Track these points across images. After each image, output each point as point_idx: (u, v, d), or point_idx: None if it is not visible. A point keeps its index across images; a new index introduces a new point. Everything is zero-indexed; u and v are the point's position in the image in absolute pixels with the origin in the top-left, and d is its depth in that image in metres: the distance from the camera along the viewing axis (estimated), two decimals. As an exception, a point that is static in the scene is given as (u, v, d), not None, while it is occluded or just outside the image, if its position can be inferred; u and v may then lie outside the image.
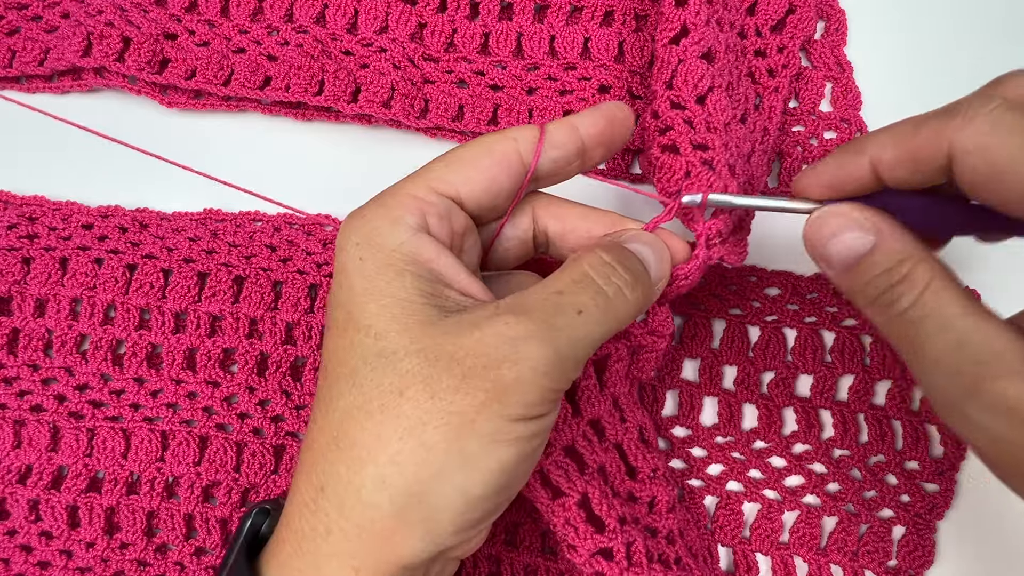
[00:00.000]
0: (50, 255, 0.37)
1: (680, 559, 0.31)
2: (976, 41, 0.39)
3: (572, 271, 0.25)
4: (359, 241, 0.25)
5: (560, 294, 0.24)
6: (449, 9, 0.40)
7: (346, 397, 0.24)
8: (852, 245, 0.25)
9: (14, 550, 0.36)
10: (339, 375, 0.24)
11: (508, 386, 0.23)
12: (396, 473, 0.22)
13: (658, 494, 0.31)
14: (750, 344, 0.36)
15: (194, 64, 0.39)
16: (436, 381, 0.23)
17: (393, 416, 0.23)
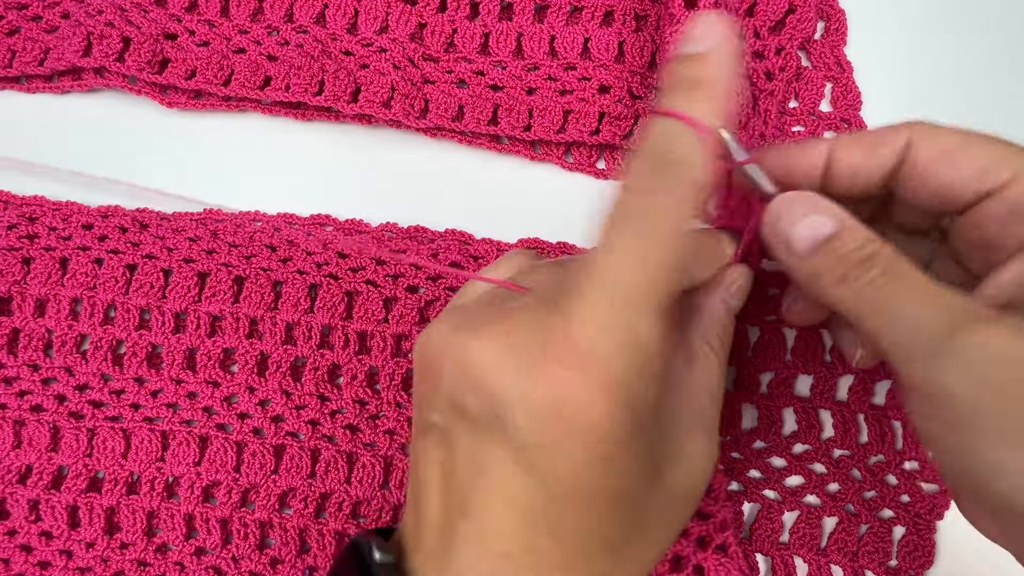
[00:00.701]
0: (50, 255, 0.37)
1: (728, 546, 0.31)
2: (976, 41, 0.39)
3: (711, 366, 0.27)
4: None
5: (714, 395, 0.27)
6: (449, 9, 0.40)
7: None
8: (819, 226, 0.25)
9: (14, 550, 0.36)
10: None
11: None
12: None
13: (715, 482, 0.31)
14: (749, 344, 0.36)
15: (194, 64, 0.39)
16: None
17: None
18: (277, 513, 0.35)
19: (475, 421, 0.23)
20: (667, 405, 0.24)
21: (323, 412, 0.36)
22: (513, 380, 0.22)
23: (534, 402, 0.22)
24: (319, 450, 0.36)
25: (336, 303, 0.36)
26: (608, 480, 0.22)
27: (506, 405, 0.22)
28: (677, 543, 0.30)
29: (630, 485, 0.23)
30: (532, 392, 0.22)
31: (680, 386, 0.25)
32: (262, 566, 0.35)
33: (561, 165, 0.39)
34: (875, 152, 0.26)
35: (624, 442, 0.22)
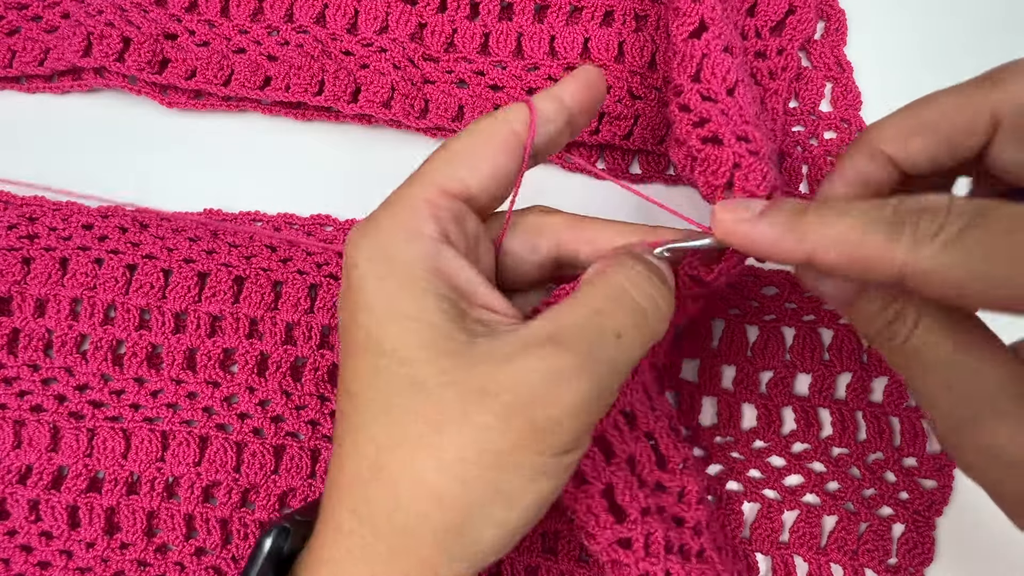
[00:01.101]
0: (50, 255, 0.37)
1: (703, 551, 0.30)
2: (976, 41, 0.39)
3: (606, 286, 0.24)
4: (372, 256, 0.24)
5: (599, 313, 0.23)
6: (449, 9, 0.40)
7: (381, 427, 0.23)
8: (840, 285, 0.24)
9: (14, 550, 0.35)
10: (369, 401, 0.23)
11: (547, 424, 0.22)
12: (437, 509, 0.22)
13: (688, 484, 0.30)
14: (749, 343, 0.36)
15: (194, 64, 0.39)
16: (473, 417, 0.22)
17: (432, 451, 0.22)
18: (277, 513, 0.35)
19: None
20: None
21: (323, 412, 0.36)
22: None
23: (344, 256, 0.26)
24: (319, 450, 0.36)
25: (336, 303, 0.36)
26: (362, 311, 0.24)
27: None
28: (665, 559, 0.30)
29: (381, 323, 0.24)
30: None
31: (555, 306, 0.25)
32: (262, 566, 0.35)
33: (561, 165, 0.39)
34: (951, 153, 0.23)
35: (368, 273, 0.24)
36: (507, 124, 0.27)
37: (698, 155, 0.28)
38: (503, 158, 0.26)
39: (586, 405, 0.22)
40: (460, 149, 0.26)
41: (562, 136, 0.28)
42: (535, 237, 0.28)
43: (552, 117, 0.27)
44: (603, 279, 0.24)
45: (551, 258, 0.28)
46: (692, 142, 0.28)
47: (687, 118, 0.29)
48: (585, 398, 0.22)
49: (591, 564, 0.34)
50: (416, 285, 0.23)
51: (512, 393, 0.22)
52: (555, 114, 0.27)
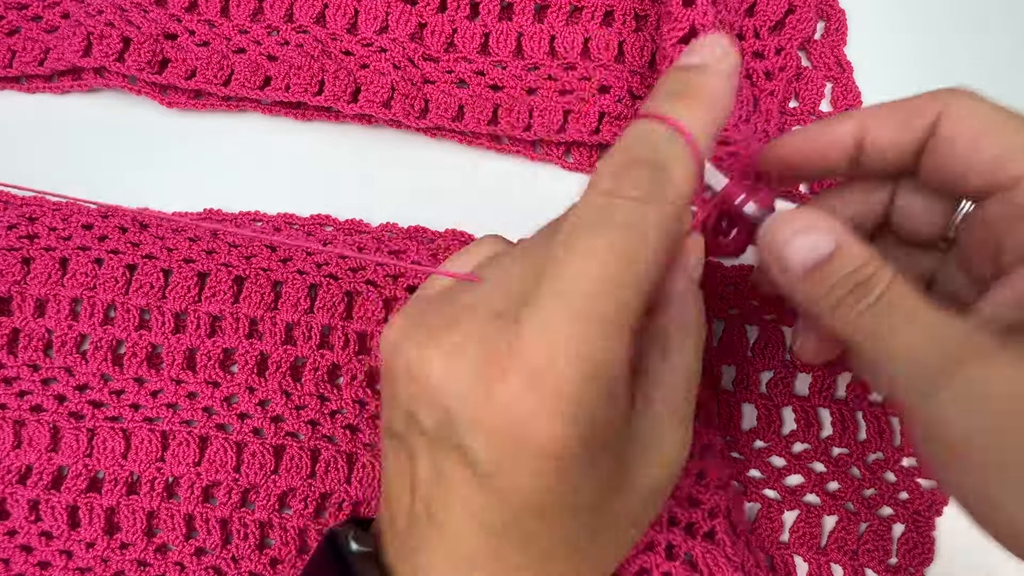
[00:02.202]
0: (50, 255, 0.37)
1: (715, 533, 0.30)
2: (977, 41, 0.39)
3: (686, 353, 0.25)
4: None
5: (689, 381, 0.25)
6: (449, 9, 0.40)
7: None
8: (811, 248, 0.23)
9: (14, 550, 0.35)
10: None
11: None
12: None
13: (708, 468, 0.30)
14: (749, 343, 0.36)
15: (194, 64, 0.39)
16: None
17: None
18: (277, 513, 0.35)
19: (431, 435, 0.23)
20: (644, 403, 0.23)
21: (323, 412, 0.36)
22: (463, 398, 0.21)
23: (485, 423, 0.21)
24: (319, 450, 0.36)
25: (336, 303, 0.36)
26: (568, 496, 0.21)
27: (458, 423, 0.21)
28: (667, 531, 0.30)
29: (594, 496, 0.22)
30: (483, 412, 0.21)
31: (658, 381, 0.24)
32: (262, 566, 0.35)
33: (561, 165, 0.39)
34: (908, 124, 0.24)
35: (581, 458, 0.21)
36: (681, 216, 0.23)
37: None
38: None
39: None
40: (652, 275, 0.22)
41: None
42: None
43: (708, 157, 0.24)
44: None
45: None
46: None
47: None
48: None
49: None
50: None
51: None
52: (710, 155, 0.24)
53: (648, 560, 0.31)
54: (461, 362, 0.21)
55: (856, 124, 0.25)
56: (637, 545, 0.30)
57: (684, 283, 0.25)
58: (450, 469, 0.22)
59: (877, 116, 0.25)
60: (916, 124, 0.24)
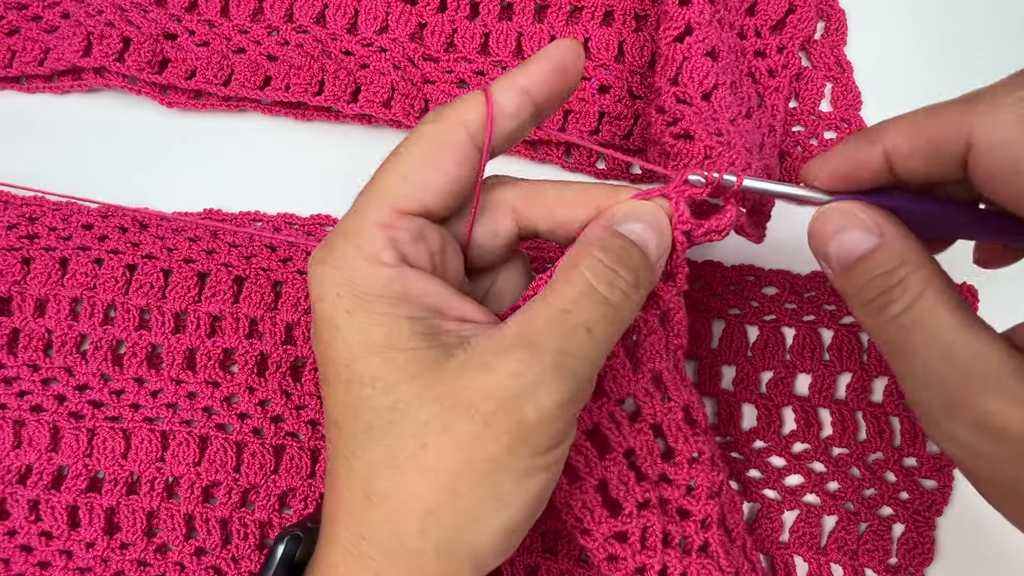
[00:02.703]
0: (50, 255, 0.37)
1: (708, 546, 0.30)
2: (977, 41, 0.39)
3: (573, 281, 0.24)
4: (339, 291, 0.24)
5: (567, 313, 0.23)
6: (449, 9, 0.40)
7: (368, 451, 0.23)
8: (854, 244, 0.24)
9: (14, 550, 0.35)
10: (354, 430, 0.24)
11: (532, 425, 0.22)
12: (435, 523, 0.22)
13: (699, 478, 0.30)
14: (749, 344, 0.36)
15: (194, 64, 0.39)
16: (457, 429, 0.22)
17: (420, 468, 0.22)
18: (277, 513, 0.35)
19: None
20: (500, 325, 0.24)
21: (323, 412, 0.36)
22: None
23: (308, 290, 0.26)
24: (319, 450, 0.36)
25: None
26: (335, 344, 0.24)
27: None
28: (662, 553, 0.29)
29: (361, 358, 0.23)
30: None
31: (524, 308, 0.24)
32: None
33: (561, 165, 0.39)
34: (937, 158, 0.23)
35: (335, 307, 0.24)
36: (462, 128, 0.25)
37: (671, 150, 0.28)
38: (458, 168, 0.25)
39: (565, 401, 0.23)
40: (412, 162, 0.25)
41: (526, 129, 0.27)
42: (493, 219, 0.27)
43: (513, 112, 0.25)
44: (568, 277, 0.24)
45: (513, 236, 0.28)
46: (665, 139, 0.29)
47: (662, 119, 0.30)
48: (563, 395, 0.23)
49: (591, 564, 0.34)
50: (386, 314, 0.23)
51: (492, 400, 0.22)
52: (517, 108, 0.26)
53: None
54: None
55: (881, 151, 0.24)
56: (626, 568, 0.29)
57: (596, 227, 0.26)
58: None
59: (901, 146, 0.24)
60: (945, 156, 0.23)
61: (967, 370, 0.22)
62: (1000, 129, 0.21)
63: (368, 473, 0.23)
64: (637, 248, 0.25)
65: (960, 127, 0.22)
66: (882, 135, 0.24)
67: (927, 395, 0.23)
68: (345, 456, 0.24)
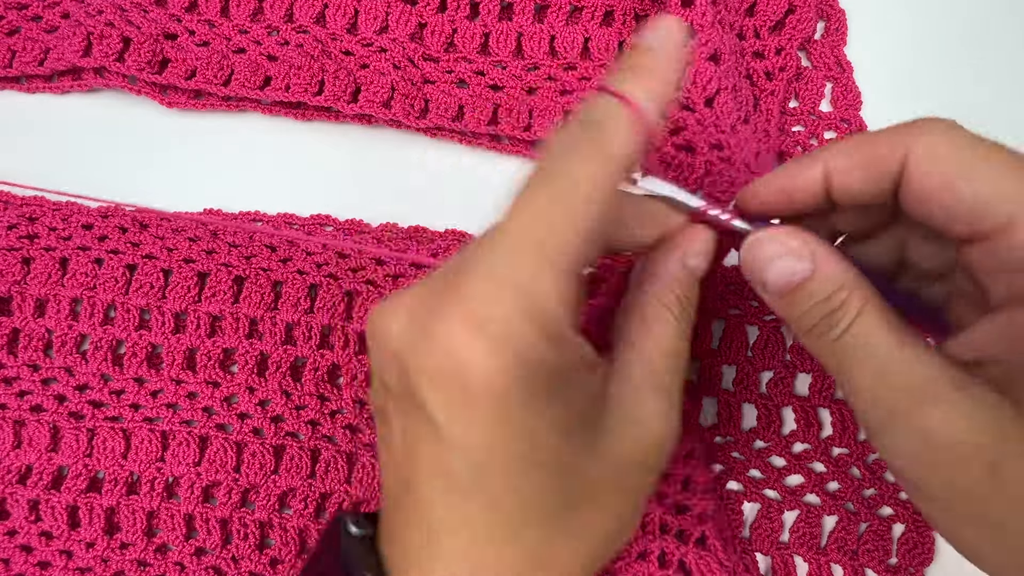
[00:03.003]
0: (50, 255, 0.37)
1: (706, 539, 0.31)
2: (976, 41, 0.39)
3: (668, 326, 0.26)
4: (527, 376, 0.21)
5: (670, 357, 0.25)
6: (449, 9, 0.40)
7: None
8: (789, 272, 0.24)
9: (14, 550, 0.36)
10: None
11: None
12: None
13: (694, 474, 0.31)
14: (749, 344, 0.36)
15: (194, 64, 0.39)
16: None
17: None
18: (277, 513, 0.35)
19: (396, 395, 0.23)
20: (617, 365, 0.24)
21: (323, 412, 0.36)
22: (412, 345, 0.21)
23: (430, 367, 0.21)
24: (319, 450, 0.36)
25: (336, 303, 0.36)
26: (521, 444, 0.21)
27: (411, 374, 0.21)
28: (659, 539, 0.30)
29: (552, 447, 0.22)
30: (428, 357, 0.21)
31: (638, 350, 0.25)
32: (262, 566, 0.35)
33: (561, 165, 0.39)
34: (873, 175, 0.23)
35: (526, 402, 0.21)
36: (624, 164, 0.22)
37: (671, 161, 0.28)
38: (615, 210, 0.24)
39: None
40: (586, 215, 0.22)
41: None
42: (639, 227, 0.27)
43: (657, 127, 0.24)
44: (660, 316, 0.26)
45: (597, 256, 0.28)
46: (666, 148, 0.29)
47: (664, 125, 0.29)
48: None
49: None
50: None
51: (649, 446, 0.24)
52: (660, 123, 0.24)
53: (641, 569, 0.31)
54: (413, 315, 0.22)
55: (821, 171, 0.24)
56: (629, 553, 0.30)
57: (675, 265, 0.26)
58: (413, 428, 0.22)
59: (840, 163, 0.24)
60: (881, 174, 0.23)
61: (897, 384, 0.22)
62: (934, 147, 0.22)
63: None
64: (696, 284, 0.26)
65: (897, 146, 0.23)
66: (823, 155, 0.24)
67: (869, 411, 0.23)
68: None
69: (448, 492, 0.22)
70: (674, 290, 0.26)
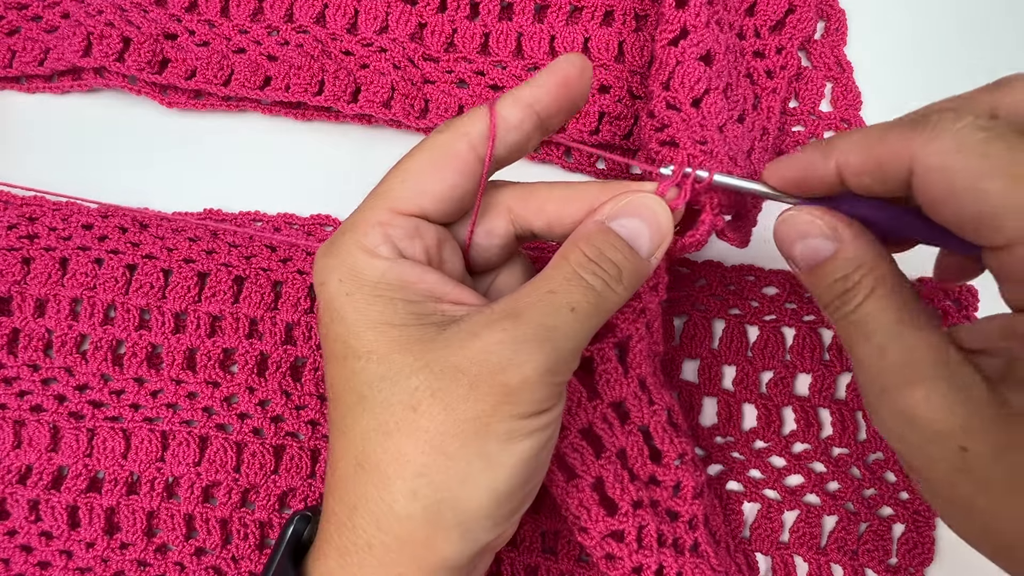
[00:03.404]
0: (50, 255, 0.37)
1: (698, 545, 0.31)
2: (976, 41, 0.39)
3: (561, 268, 0.26)
4: (341, 277, 0.26)
5: (552, 293, 0.25)
6: (449, 9, 0.40)
7: (361, 421, 0.24)
8: (815, 249, 0.25)
9: (14, 550, 0.35)
10: (348, 402, 0.25)
11: (515, 388, 0.23)
12: (424, 485, 0.23)
13: (684, 479, 0.31)
14: (749, 344, 0.36)
15: (194, 64, 0.39)
16: (446, 392, 0.23)
17: (411, 432, 0.23)
18: (277, 513, 0.35)
19: None
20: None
21: (323, 412, 0.36)
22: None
23: (317, 295, 0.27)
24: (319, 450, 0.36)
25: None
26: (336, 326, 0.25)
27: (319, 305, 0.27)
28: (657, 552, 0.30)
29: (358, 334, 0.25)
30: (318, 292, 0.27)
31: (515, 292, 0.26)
32: (262, 566, 0.35)
33: (561, 165, 0.39)
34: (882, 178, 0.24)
35: (336, 294, 0.25)
36: (464, 139, 0.27)
37: (656, 156, 0.29)
38: (457, 177, 0.27)
39: (545, 369, 0.24)
40: (413, 169, 0.27)
41: (531, 141, 0.28)
42: (490, 221, 0.29)
43: (517, 124, 0.27)
44: (555, 263, 0.26)
45: (510, 236, 0.29)
46: (652, 145, 0.29)
47: (651, 123, 0.30)
48: (543, 363, 0.24)
49: (591, 564, 0.35)
50: (382, 296, 0.25)
51: (479, 364, 0.24)
52: (521, 121, 0.27)
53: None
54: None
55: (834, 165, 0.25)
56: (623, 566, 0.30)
57: (587, 223, 0.27)
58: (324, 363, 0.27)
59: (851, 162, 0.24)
60: (891, 176, 0.23)
61: (893, 363, 0.24)
62: (939, 156, 0.22)
63: (361, 443, 0.24)
64: (623, 242, 0.26)
65: (903, 152, 0.23)
66: (835, 149, 0.25)
67: (866, 384, 0.25)
68: (341, 429, 0.25)
69: (349, 393, 0.25)
70: (579, 244, 0.26)
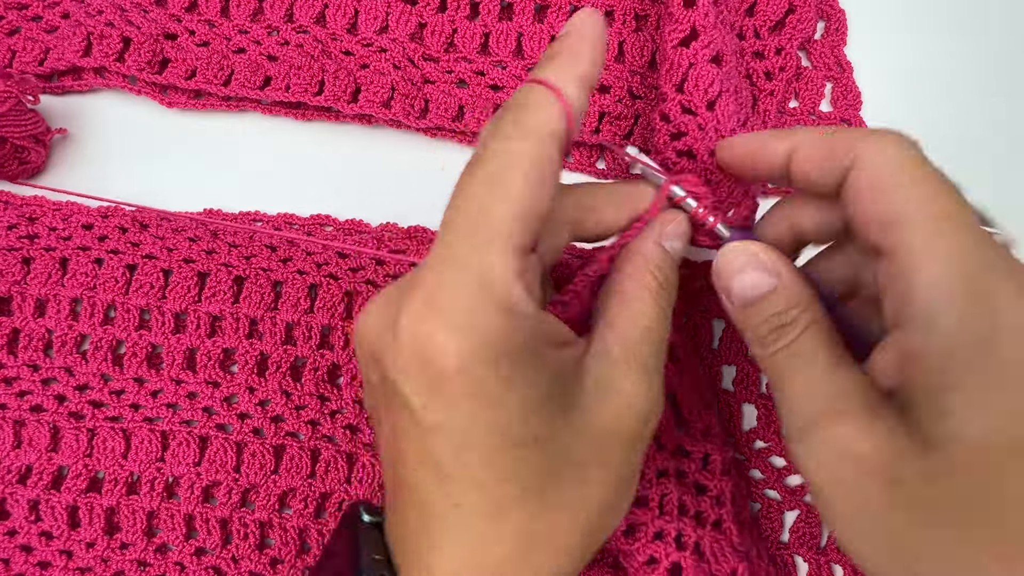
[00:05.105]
0: (50, 255, 0.37)
1: (722, 522, 0.31)
2: (976, 41, 0.39)
3: (644, 299, 0.26)
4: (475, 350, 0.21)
5: (649, 330, 0.26)
6: (449, 9, 0.40)
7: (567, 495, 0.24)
8: (755, 284, 0.26)
9: (14, 550, 0.35)
10: (510, 492, 0.23)
11: (651, 433, 0.25)
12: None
13: (712, 451, 0.31)
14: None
15: (194, 64, 0.39)
16: (607, 455, 0.24)
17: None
18: (277, 513, 0.35)
19: (381, 393, 0.24)
20: (600, 344, 0.25)
21: (323, 412, 0.36)
22: (385, 345, 0.22)
23: (403, 361, 0.22)
24: (319, 450, 0.36)
25: (336, 303, 0.36)
26: (494, 420, 0.22)
27: (389, 371, 0.22)
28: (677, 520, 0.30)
29: (524, 422, 0.22)
30: (399, 352, 0.22)
31: (614, 326, 0.25)
32: (262, 566, 0.35)
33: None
34: (827, 165, 0.24)
35: (487, 375, 0.21)
36: (555, 142, 0.24)
37: (672, 167, 0.29)
38: (553, 190, 0.24)
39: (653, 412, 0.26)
40: (524, 192, 0.23)
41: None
42: (558, 236, 0.28)
43: (580, 108, 0.25)
44: (640, 297, 0.26)
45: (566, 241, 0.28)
46: (668, 153, 0.29)
47: (666, 128, 0.30)
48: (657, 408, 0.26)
49: (593, 564, 0.34)
50: (531, 363, 0.22)
51: (626, 421, 0.24)
52: (584, 103, 0.25)
53: (659, 549, 0.31)
54: (382, 314, 0.23)
55: (789, 147, 0.25)
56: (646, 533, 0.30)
57: (650, 245, 0.27)
58: (397, 420, 0.23)
59: (806, 148, 0.25)
60: (834, 167, 0.24)
61: (826, 398, 0.24)
62: (875, 153, 0.23)
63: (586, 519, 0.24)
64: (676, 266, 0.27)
65: (852, 146, 0.24)
66: (793, 135, 0.26)
67: (791, 419, 0.24)
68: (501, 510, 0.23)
69: (434, 477, 0.23)
70: (651, 269, 0.27)
